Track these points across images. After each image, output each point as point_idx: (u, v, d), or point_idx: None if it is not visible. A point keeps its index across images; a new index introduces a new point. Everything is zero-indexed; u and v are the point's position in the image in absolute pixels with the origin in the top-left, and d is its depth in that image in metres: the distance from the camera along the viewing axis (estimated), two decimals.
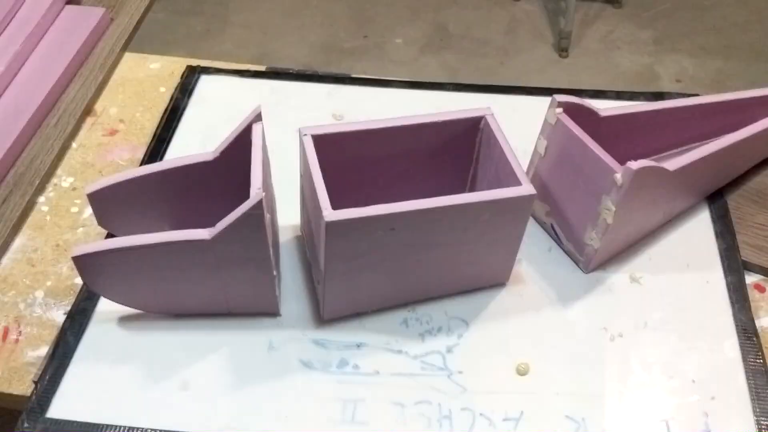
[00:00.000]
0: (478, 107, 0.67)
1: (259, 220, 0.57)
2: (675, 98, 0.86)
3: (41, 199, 0.79)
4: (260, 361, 0.63)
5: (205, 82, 0.89)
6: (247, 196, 0.66)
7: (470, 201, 0.58)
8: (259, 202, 0.56)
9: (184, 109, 0.86)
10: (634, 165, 0.61)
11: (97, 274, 0.61)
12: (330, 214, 0.56)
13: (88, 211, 0.77)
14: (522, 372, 0.62)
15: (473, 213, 0.59)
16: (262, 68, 0.93)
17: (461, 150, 0.68)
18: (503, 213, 0.60)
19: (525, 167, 0.65)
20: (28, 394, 0.63)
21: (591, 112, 0.69)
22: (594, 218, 0.65)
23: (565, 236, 0.70)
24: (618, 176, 0.62)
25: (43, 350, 0.66)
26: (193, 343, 0.64)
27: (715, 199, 0.76)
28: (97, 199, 0.64)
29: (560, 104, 0.67)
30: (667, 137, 0.76)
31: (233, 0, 2.25)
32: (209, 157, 0.65)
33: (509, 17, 2.19)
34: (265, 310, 0.66)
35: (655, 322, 0.66)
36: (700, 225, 0.74)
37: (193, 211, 0.69)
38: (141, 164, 0.80)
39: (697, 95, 0.85)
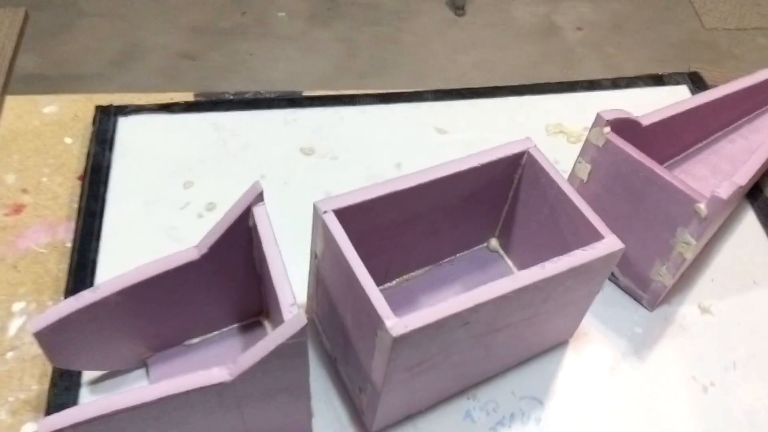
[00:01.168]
0: (516, 141, 0.54)
1: (301, 348, 0.43)
2: (674, 78, 0.78)
3: None
4: None
5: (125, 125, 0.71)
6: (245, 292, 0.51)
7: (556, 272, 0.46)
8: (303, 329, 0.42)
9: (108, 166, 0.67)
10: (723, 193, 0.51)
11: None
12: (396, 325, 0.42)
13: (15, 325, 0.59)
14: None
15: (557, 282, 0.48)
16: (191, 97, 0.75)
17: (496, 190, 0.56)
18: (586, 274, 0.49)
19: None
20: None
21: (634, 124, 0.58)
22: (664, 252, 0.56)
23: (622, 272, 0.60)
24: (702, 207, 0.52)
25: None
26: None
27: (756, 195, 0.68)
28: (47, 336, 0.47)
29: (608, 122, 0.56)
30: (697, 132, 0.67)
31: None
32: (194, 256, 0.49)
33: None
34: None
35: (742, 359, 0.58)
36: (749, 230, 0.66)
37: (175, 321, 0.53)
38: (72, 254, 0.61)
39: (696, 73, 0.78)
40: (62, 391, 0.53)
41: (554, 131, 0.73)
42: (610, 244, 0.48)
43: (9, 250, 0.64)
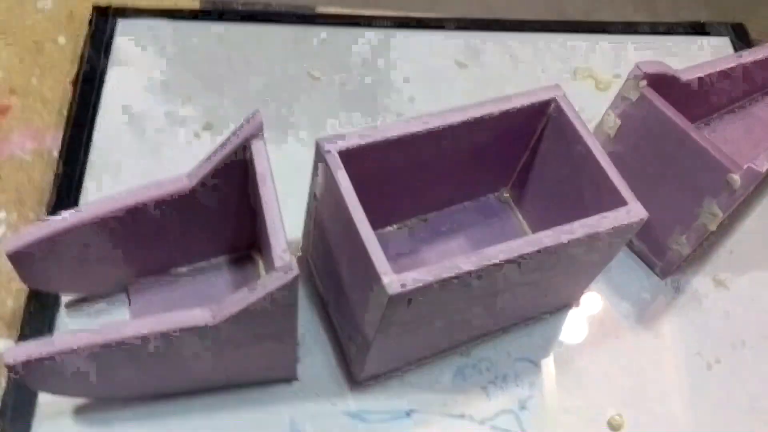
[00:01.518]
0: (543, 87, 0.50)
1: (291, 298, 0.40)
2: (717, 27, 0.72)
3: None
4: None
5: (124, 30, 0.66)
6: (237, 224, 0.48)
7: (574, 237, 0.43)
8: (294, 280, 0.38)
9: (102, 73, 0.63)
10: (760, 165, 0.47)
11: (44, 376, 0.42)
12: (393, 282, 0.39)
13: None
14: (616, 426, 0.50)
15: (573, 248, 0.44)
16: (196, 4, 0.70)
17: (515, 139, 0.52)
18: (604, 241, 0.46)
19: None
20: None
21: (672, 79, 0.54)
22: (687, 220, 0.52)
23: (638, 236, 0.56)
24: (736, 178, 0.48)
25: None
26: None
27: None
28: (21, 258, 0.44)
29: (646, 75, 0.51)
30: (735, 91, 0.62)
31: None
32: (185, 185, 0.45)
33: None
34: (277, 376, 0.50)
35: (752, 338, 0.55)
36: None
37: (161, 249, 0.50)
38: (58, 165, 0.58)
39: (741, 25, 0.72)
40: (38, 311, 0.51)
41: (582, 75, 0.68)
42: (634, 211, 0.45)
43: None
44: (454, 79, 0.66)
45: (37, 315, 0.51)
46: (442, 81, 0.66)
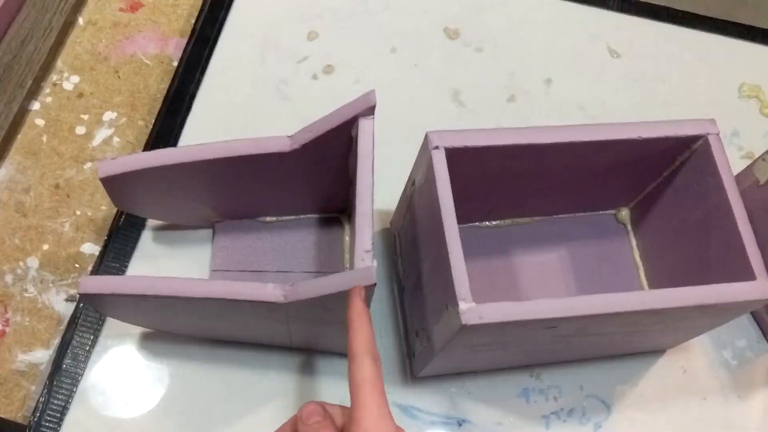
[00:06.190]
0: (697, 120, 0.43)
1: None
2: None
3: (35, 105, 0.57)
4: None
5: None
6: (331, 189, 0.47)
7: (682, 304, 0.38)
8: (370, 289, 0.36)
9: None
10: None
11: (109, 309, 0.42)
12: (469, 311, 0.36)
13: (101, 135, 0.57)
14: None
15: (679, 312, 0.40)
16: None
17: (647, 165, 0.46)
18: (717, 311, 0.41)
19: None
20: (18, 420, 0.47)
21: None
22: None
23: None
24: None
25: (38, 355, 0.49)
26: (238, 385, 0.48)
27: None
28: (113, 183, 0.44)
29: None
30: None
31: None
32: (285, 147, 0.43)
33: None
34: (338, 351, 0.49)
35: None
36: None
37: (252, 198, 0.49)
38: (173, 80, 0.57)
39: None
40: (125, 227, 0.51)
41: (748, 93, 0.60)
42: (761, 289, 0.39)
43: (114, 51, 0.60)
44: (602, 67, 0.60)
45: (124, 230, 0.51)
46: (588, 67, 0.60)
